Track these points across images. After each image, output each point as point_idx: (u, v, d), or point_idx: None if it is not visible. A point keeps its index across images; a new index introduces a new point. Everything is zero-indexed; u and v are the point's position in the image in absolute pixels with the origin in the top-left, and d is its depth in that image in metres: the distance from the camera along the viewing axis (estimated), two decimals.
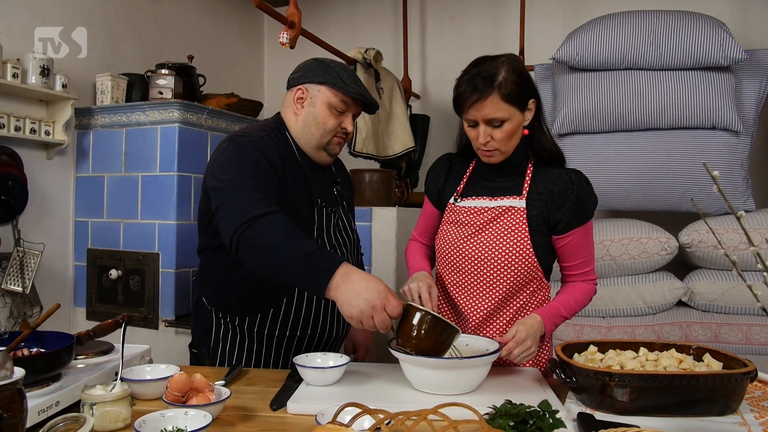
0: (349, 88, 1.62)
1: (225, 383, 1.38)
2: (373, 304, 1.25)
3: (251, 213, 1.36)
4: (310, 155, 1.69)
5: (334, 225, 1.73)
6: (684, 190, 2.75)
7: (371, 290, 1.26)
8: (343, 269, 1.28)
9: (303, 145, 1.68)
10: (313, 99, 1.64)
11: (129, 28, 3.20)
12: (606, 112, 2.77)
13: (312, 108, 1.64)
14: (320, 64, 1.66)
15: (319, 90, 1.64)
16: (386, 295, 1.27)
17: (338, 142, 1.69)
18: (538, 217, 1.56)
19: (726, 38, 2.59)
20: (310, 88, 1.65)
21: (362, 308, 1.25)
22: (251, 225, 1.35)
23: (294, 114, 1.67)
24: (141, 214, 2.80)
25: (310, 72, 1.66)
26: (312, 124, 1.64)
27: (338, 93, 1.62)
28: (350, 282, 1.27)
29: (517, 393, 1.34)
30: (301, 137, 1.67)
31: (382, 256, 2.98)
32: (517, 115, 1.49)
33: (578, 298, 1.61)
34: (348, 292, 1.26)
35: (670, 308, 2.74)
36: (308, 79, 1.65)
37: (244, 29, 4.23)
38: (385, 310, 1.26)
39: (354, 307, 1.25)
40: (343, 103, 1.63)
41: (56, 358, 1.18)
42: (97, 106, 2.89)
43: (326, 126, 1.64)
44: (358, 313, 1.26)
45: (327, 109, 1.63)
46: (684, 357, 1.38)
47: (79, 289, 2.94)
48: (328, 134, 1.65)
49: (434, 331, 1.31)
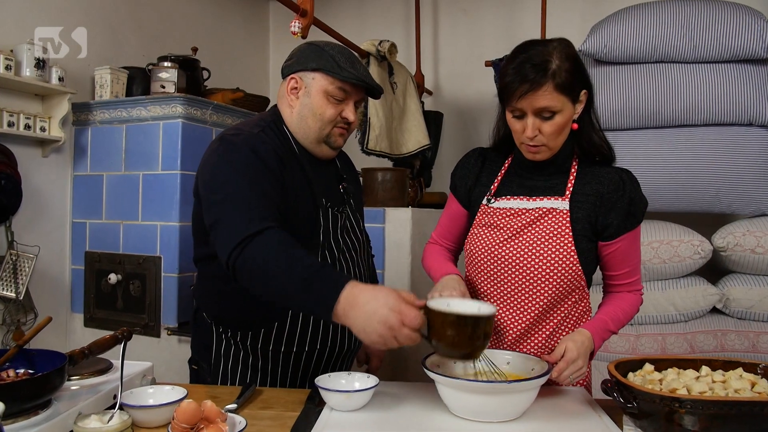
0: (345, 72, 1.45)
1: (237, 406, 1.23)
2: (389, 325, 1.11)
3: (245, 232, 1.24)
4: (311, 150, 1.54)
5: (342, 226, 1.57)
6: (717, 190, 2.59)
7: (383, 309, 1.11)
8: (347, 293, 1.14)
9: (301, 140, 1.52)
10: (308, 88, 1.49)
11: (129, 20, 3.06)
12: (635, 107, 2.62)
13: (307, 98, 1.49)
14: (314, 48, 1.50)
15: (314, 78, 1.48)
16: (400, 308, 1.12)
17: (340, 133, 1.53)
18: (584, 221, 1.41)
19: (765, 28, 2.43)
20: (303, 76, 1.49)
21: (380, 332, 1.11)
22: (245, 247, 1.23)
23: (289, 106, 1.52)
24: (142, 215, 2.65)
25: (303, 58, 1.50)
26: (308, 115, 1.49)
27: (334, 79, 1.46)
28: (357, 306, 1.12)
29: (569, 419, 1.19)
30: (299, 131, 1.52)
31: (396, 259, 2.84)
32: (569, 107, 1.34)
33: (626, 310, 1.46)
34: (359, 319, 1.12)
35: (704, 315, 2.59)
36: (301, 67, 1.49)
37: (249, 21, 4.09)
38: (405, 325, 1.11)
39: (371, 334, 1.12)
40: (340, 90, 1.47)
41: (45, 383, 1.03)
42: (96, 101, 2.74)
43: (324, 117, 1.48)
44: (378, 338, 1.11)
45: (324, 98, 1.47)
46: (755, 378, 1.23)
47: (76, 295, 2.79)
48: (327, 125, 1.50)
49: (466, 330, 1.13)
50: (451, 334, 1.13)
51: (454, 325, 1.13)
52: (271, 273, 1.21)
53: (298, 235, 1.46)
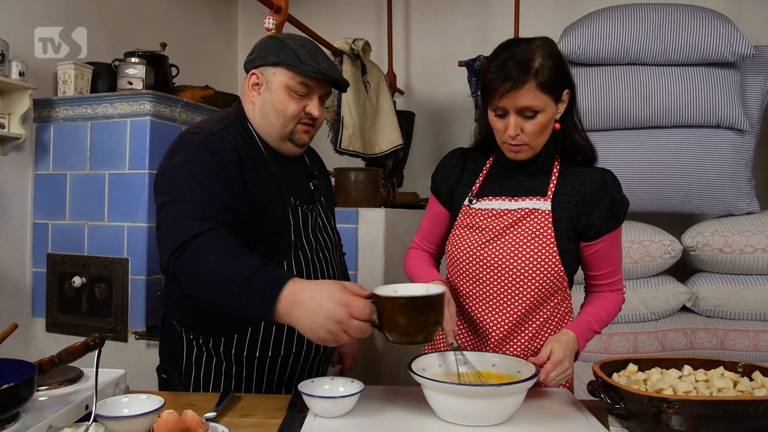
0: (306, 66, 1.39)
1: (217, 414, 1.18)
2: (337, 319, 1.05)
3: (183, 236, 1.18)
4: (275, 147, 1.48)
5: (313, 224, 1.52)
6: (687, 191, 2.64)
7: (328, 303, 1.05)
8: (288, 290, 1.09)
9: (265, 137, 1.47)
10: (269, 84, 1.43)
11: (93, 14, 2.95)
12: (607, 109, 2.65)
13: (269, 94, 1.43)
14: (275, 42, 1.45)
15: (275, 73, 1.42)
16: (347, 300, 1.06)
17: (305, 129, 1.47)
18: (567, 222, 1.40)
19: (734, 33, 2.49)
20: (264, 71, 1.44)
21: (328, 327, 1.05)
22: (184, 251, 1.17)
23: (251, 102, 1.47)
24: (108, 215, 2.55)
25: (263, 52, 1.44)
26: (270, 112, 1.43)
27: (295, 74, 1.40)
28: (300, 303, 1.07)
29: (557, 421, 1.18)
30: (262, 128, 1.46)
31: (369, 260, 2.80)
32: (551, 106, 1.33)
33: (609, 309, 1.46)
34: (303, 316, 1.07)
35: (674, 314, 2.64)
36: (262, 61, 1.44)
37: (217, 17, 4.01)
38: (353, 317, 1.06)
39: (318, 330, 1.06)
40: (302, 85, 1.41)
41: (13, 395, 0.96)
42: (59, 97, 2.63)
43: (286, 113, 1.42)
44: (327, 335, 1.06)
45: (285, 94, 1.42)
46: (736, 377, 1.24)
47: (37, 299, 2.68)
48: (290, 122, 1.44)
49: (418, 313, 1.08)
50: (403, 320, 1.07)
51: (405, 309, 1.07)
52: (210, 276, 1.15)
53: (268, 235, 1.42)
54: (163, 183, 1.34)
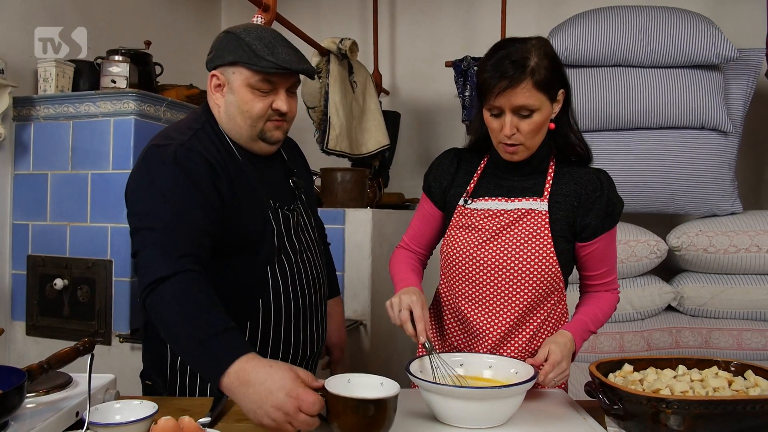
0: (263, 62, 1.31)
1: (211, 420, 1.16)
2: (284, 410, 1.02)
3: (156, 274, 1.18)
4: (248, 148, 1.42)
5: (296, 225, 1.48)
6: (672, 192, 2.66)
7: (279, 392, 1.02)
8: (239, 366, 1.06)
9: (235, 139, 1.41)
10: (230, 84, 1.35)
11: (75, 11, 2.89)
12: (593, 110, 2.66)
13: (232, 95, 1.36)
14: (231, 38, 1.36)
15: (234, 72, 1.34)
16: (297, 393, 1.03)
17: (276, 126, 1.40)
18: (563, 222, 1.40)
19: (718, 36, 2.52)
20: (224, 71, 1.36)
21: (273, 417, 1.02)
22: (153, 290, 1.17)
23: (216, 105, 1.40)
24: (91, 216, 2.50)
25: (220, 51, 1.36)
26: (236, 113, 1.36)
27: (253, 72, 1.32)
28: (249, 384, 1.05)
29: (555, 423, 1.18)
30: (230, 130, 1.40)
31: (357, 261, 2.79)
32: (547, 106, 1.33)
33: (605, 309, 1.46)
34: (250, 398, 1.04)
35: (659, 313, 2.66)
36: (220, 61, 1.36)
37: (201, 17, 3.96)
38: (302, 411, 1.02)
39: (263, 417, 1.03)
40: (264, 81, 1.33)
41: (3, 405, 0.93)
42: (40, 96, 2.57)
43: (252, 112, 1.35)
44: (270, 422, 1.03)
45: (248, 93, 1.34)
46: (730, 376, 1.25)
47: (17, 301, 2.61)
48: (257, 121, 1.37)
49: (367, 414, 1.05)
50: (351, 419, 1.05)
51: (355, 410, 1.05)
52: (170, 325, 1.16)
53: (250, 243, 1.38)
54: (137, 203, 1.30)
